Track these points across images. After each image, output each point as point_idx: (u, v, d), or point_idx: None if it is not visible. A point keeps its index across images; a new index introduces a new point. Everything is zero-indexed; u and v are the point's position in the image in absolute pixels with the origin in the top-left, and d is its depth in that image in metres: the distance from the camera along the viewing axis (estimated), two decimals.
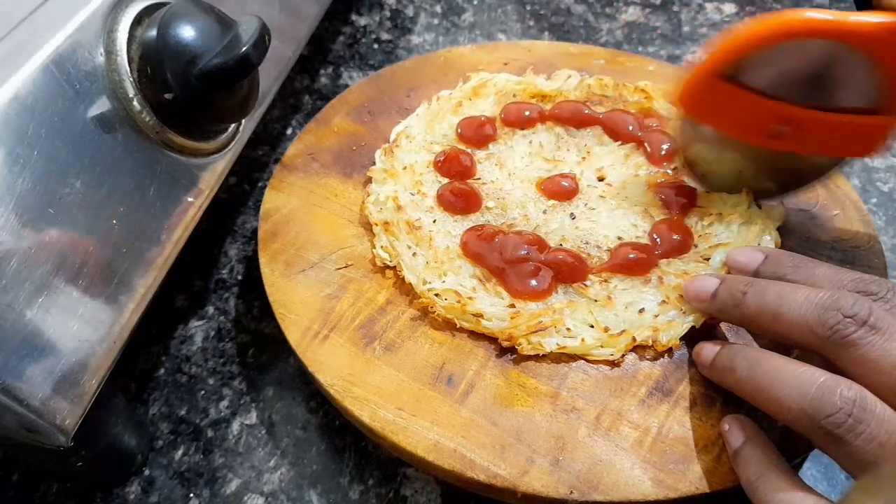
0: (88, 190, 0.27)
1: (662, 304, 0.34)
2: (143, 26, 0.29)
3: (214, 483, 0.34)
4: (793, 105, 0.34)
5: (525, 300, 0.34)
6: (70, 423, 0.27)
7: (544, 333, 0.33)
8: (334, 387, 0.32)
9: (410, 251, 0.37)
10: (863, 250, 0.37)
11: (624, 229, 0.38)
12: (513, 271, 0.35)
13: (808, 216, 0.39)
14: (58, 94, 0.25)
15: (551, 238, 0.38)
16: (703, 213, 0.38)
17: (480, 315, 0.34)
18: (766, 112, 0.34)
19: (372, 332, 0.34)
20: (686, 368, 0.33)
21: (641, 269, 0.35)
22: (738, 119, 0.35)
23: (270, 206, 0.41)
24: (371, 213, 0.39)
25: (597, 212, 0.39)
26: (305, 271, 0.37)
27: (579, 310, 0.34)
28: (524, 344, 0.33)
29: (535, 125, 0.45)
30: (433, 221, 0.38)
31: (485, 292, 0.35)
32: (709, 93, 0.34)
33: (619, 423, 0.31)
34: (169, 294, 0.43)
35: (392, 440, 0.30)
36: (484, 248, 0.36)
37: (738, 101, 0.34)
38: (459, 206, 0.39)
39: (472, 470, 0.29)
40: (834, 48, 0.31)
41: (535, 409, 0.31)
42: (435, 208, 0.39)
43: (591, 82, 0.47)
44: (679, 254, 0.36)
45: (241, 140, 0.37)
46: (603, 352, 0.33)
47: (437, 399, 0.32)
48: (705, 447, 0.30)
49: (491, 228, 0.38)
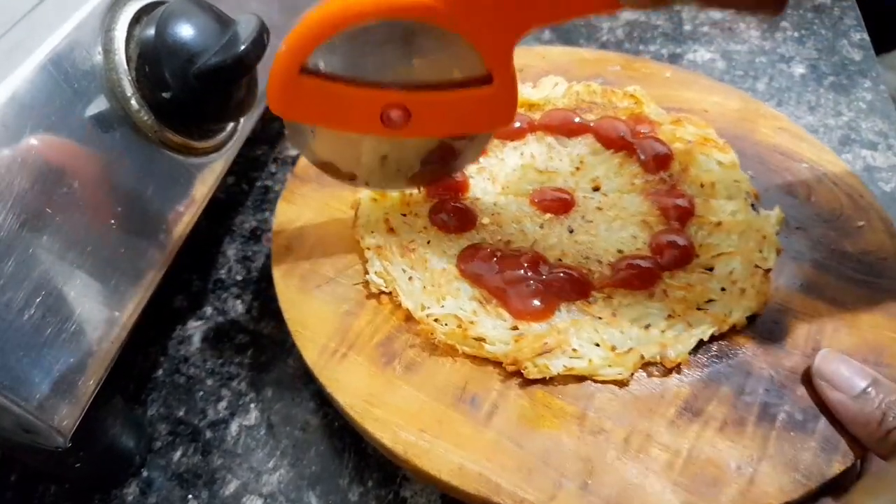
0: (86, 189, 0.27)
1: (669, 318, 0.33)
2: (141, 25, 0.29)
3: (213, 484, 0.34)
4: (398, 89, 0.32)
5: (528, 321, 0.33)
6: (68, 424, 0.27)
7: (550, 355, 0.32)
8: (354, 408, 0.31)
9: (406, 275, 0.35)
10: (890, 262, 0.36)
11: (624, 242, 0.37)
12: (513, 291, 0.34)
13: (833, 227, 0.38)
14: (55, 93, 0.25)
15: (550, 254, 0.36)
16: (702, 223, 0.38)
17: (483, 339, 0.33)
18: (368, 100, 0.32)
19: (391, 350, 0.33)
20: (715, 387, 0.32)
21: (645, 283, 0.35)
22: (341, 112, 0.33)
23: (283, 219, 0.40)
24: (362, 237, 0.38)
25: (595, 224, 0.38)
26: (321, 287, 0.36)
27: (584, 328, 0.33)
28: (530, 367, 0.32)
29: (524, 136, 0.43)
30: (427, 243, 0.37)
31: (486, 315, 0.34)
32: (298, 90, 0.32)
33: (648, 445, 0.30)
34: (167, 294, 0.43)
35: (415, 464, 0.29)
36: (482, 268, 0.35)
37: (331, 93, 0.32)
38: (454, 226, 0.38)
39: (498, 495, 0.28)
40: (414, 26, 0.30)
41: (562, 430, 0.30)
42: (428, 228, 0.38)
43: (580, 89, 0.46)
44: (682, 265, 0.36)
45: (239, 139, 0.37)
46: (611, 371, 0.32)
47: (460, 420, 0.31)
48: (738, 468, 0.29)
49: (488, 247, 0.37)
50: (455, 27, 0.30)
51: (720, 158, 0.41)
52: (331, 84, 0.32)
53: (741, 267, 0.35)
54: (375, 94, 0.32)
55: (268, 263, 0.44)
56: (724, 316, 0.33)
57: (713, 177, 0.40)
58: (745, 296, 0.34)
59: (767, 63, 0.58)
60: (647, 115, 0.44)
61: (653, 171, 0.41)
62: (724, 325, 0.33)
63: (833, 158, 0.43)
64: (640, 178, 0.41)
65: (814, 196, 0.40)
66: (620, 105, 0.45)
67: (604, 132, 0.43)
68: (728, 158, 0.41)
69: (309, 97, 0.32)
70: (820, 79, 0.56)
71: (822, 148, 0.43)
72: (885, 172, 0.49)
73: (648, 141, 0.42)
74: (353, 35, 0.30)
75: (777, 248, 0.36)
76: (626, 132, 0.43)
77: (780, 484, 0.28)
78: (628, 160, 0.42)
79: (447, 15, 0.30)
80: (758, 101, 0.47)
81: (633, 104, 0.45)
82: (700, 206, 0.39)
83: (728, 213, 0.38)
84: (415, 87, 0.32)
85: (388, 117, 0.33)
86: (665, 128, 0.43)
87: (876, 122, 0.52)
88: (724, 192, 0.39)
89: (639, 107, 0.45)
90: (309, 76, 0.31)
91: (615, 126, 0.43)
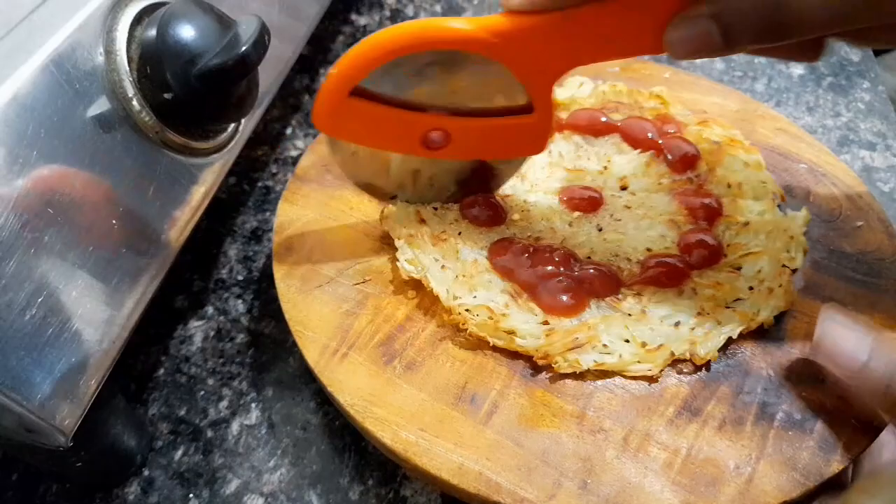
0: (87, 190, 0.27)
1: (698, 315, 0.33)
2: (142, 26, 0.29)
3: (214, 483, 0.34)
4: (441, 114, 0.33)
5: (558, 316, 0.33)
6: (69, 424, 0.27)
7: (580, 350, 0.32)
8: (354, 407, 0.31)
9: (438, 264, 0.36)
10: (888, 262, 0.36)
11: (652, 240, 0.37)
12: (544, 286, 0.34)
13: (832, 227, 0.38)
14: (57, 93, 0.25)
15: (579, 251, 0.37)
16: (730, 222, 0.38)
17: (514, 332, 0.33)
18: (413, 124, 0.34)
19: (392, 349, 0.34)
20: (714, 387, 0.32)
21: (674, 282, 0.35)
22: (383, 133, 0.34)
23: (284, 220, 0.40)
24: (392, 227, 0.38)
25: (623, 223, 0.38)
26: (322, 287, 0.36)
27: (614, 325, 0.33)
28: (560, 362, 0.32)
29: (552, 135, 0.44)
30: (458, 234, 0.37)
31: (517, 308, 0.34)
32: (344, 110, 0.33)
33: (647, 444, 0.30)
34: (168, 294, 0.43)
35: (415, 462, 0.29)
36: (514, 262, 0.35)
37: (377, 115, 0.33)
38: (485, 220, 0.38)
39: (498, 493, 0.28)
40: (461, 56, 0.31)
41: (562, 429, 0.31)
42: (459, 221, 0.38)
43: (605, 89, 0.46)
44: (710, 265, 0.36)
45: (240, 140, 0.37)
46: (641, 367, 0.32)
47: (460, 420, 0.31)
48: (736, 468, 0.29)
49: (519, 243, 0.37)
50: (503, 60, 0.31)
51: (746, 159, 0.41)
52: (376, 107, 0.33)
53: (769, 266, 0.35)
54: (419, 118, 0.34)
55: (269, 263, 0.44)
56: (752, 314, 0.33)
57: (740, 177, 0.40)
58: (772, 295, 0.34)
59: (766, 64, 0.58)
60: (674, 116, 0.44)
61: (680, 171, 0.41)
62: (752, 323, 0.33)
63: (832, 159, 0.43)
64: (668, 177, 0.41)
65: (812, 196, 0.41)
66: (647, 105, 0.45)
67: (631, 132, 0.43)
68: (754, 159, 0.41)
69: (354, 118, 0.33)
70: (818, 79, 0.56)
71: (821, 148, 0.44)
72: (884, 173, 0.49)
73: (676, 141, 0.42)
74: (402, 62, 0.31)
75: (804, 248, 0.37)
76: (654, 132, 0.43)
77: (779, 483, 0.28)
78: (655, 160, 0.42)
79: (498, 49, 0.31)
80: (756, 102, 0.47)
81: (659, 104, 0.45)
82: (727, 205, 0.39)
83: (756, 213, 0.38)
84: (457, 113, 0.34)
85: (429, 139, 0.34)
86: (691, 129, 0.43)
87: (874, 122, 0.52)
88: (750, 192, 0.40)
89: (665, 107, 0.45)
90: (357, 99, 0.32)
91: (642, 126, 0.43)
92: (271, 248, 0.39)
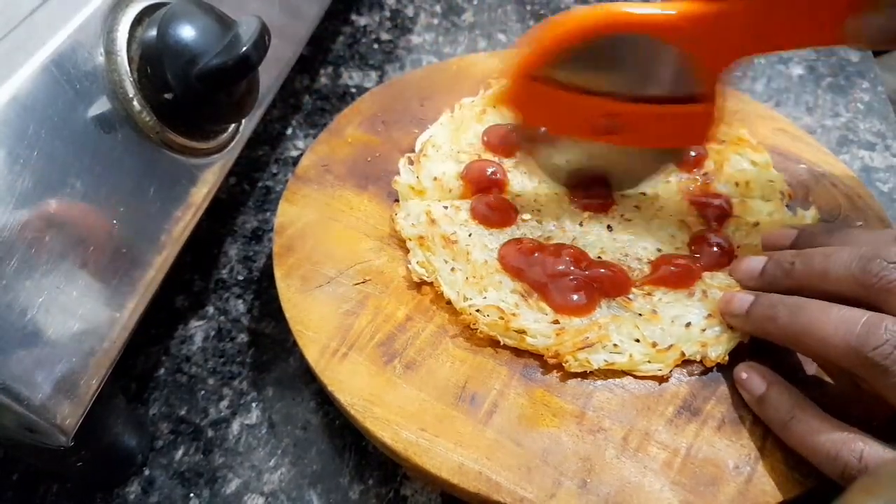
0: (88, 190, 0.27)
1: (709, 317, 0.33)
2: (143, 26, 0.29)
3: (214, 483, 0.34)
4: (613, 100, 0.34)
5: (569, 315, 0.34)
6: (70, 423, 0.27)
7: (591, 350, 0.32)
8: (354, 406, 0.31)
9: (448, 266, 0.36)
10: None
11: (663, 241, 0.38)
12: (555, 285, 0.34)
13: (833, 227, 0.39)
14: (58, 94, 0.25)
15: (590, 251, 0.37)
16: (740, 223, 0.38)
17: (524, 332, 0.33)
18: (587, 108, 0.34)
19: (392, 349, 0.34)
20: (713, 387, 0.32)
21: (685, 282, 0.35)
22: (562, 117, 0.35)
23: (284, 220, 0.40)
24: (403, 227, 0.38)
25: (633, 223, 0.39)
26: (322, 287, 0.36)
27: (625, 324, 0.33)
28: (571, 361, 0.32)
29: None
30: (468, 235, 0.37)
31: (527, 308, 0.34)
32: (528, 94, 0.34)
33: (646, 444, 0.30)
34: (169, 294, 0.43)
35: (415, 462, 0.30)
36: (524, 262, 0.36)
37: (557, 100, 0.34)
38: (495, 220, 0.38)
39: (498, 493, 0.28)
40: (641, 40, 0.31)
41: (561, 429, 0.31)
42: (469, 222, 0.38)
43: None
44: (721, 266, 0.36)
45: (241, 140, 0.37)
46: (651, 367, 0.32)
47: (460, 419, 0.31)
48: (736, 467, 0.29)
49: (530, 242, 0.37)
50: (684, 45, 0.31)
51: (754, 158, 0.41)
52: (558, 92, 0.34)
53: None
54: (595, 103, 0.34)
55: (269, 263, 0.44)
56: None
57: (747, 176, 0.40)
58: None
59: (766, 64, 0.58)
60: None
61: (688, 169, 0.41)
62: None
63: (831, 159, 0.43)
64: (676, 175, 0.41)
65: (812, 196, 0.41)
66: None
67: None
68: (762, 158, 0.41)
69: (537, 101, 0.35)
70: (818, 80, 0.56)
71: (821, 149, 0.44)
72: (883, 173, 0.49)
73: None
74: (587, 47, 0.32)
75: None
76: None
77: (778, 483, 0.29)
78: None
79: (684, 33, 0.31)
80: (756, 102, 0.47)
81: None
82: (737, 206, 0.39)
83: (765, 213, 0.38)
84: (631, 99, 0.34)
85: (600, 124, 0.35)
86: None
87: (874, 122, 0.52)
88: (758, 191, 0.40)
89: None
90: (540, 84, 0.34)
91: None
92: (272, 248, 0.39)
